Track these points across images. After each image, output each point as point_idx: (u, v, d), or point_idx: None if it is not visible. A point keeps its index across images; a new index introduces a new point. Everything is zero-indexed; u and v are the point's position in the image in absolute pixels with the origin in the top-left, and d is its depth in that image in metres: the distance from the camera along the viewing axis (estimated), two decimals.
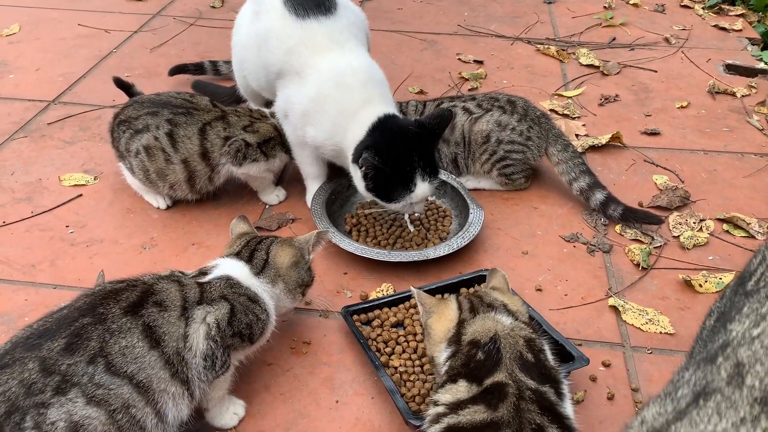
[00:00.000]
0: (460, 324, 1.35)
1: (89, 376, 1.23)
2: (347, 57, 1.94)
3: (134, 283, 1.38)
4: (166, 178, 2.04)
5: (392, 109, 1.92)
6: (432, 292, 1.80)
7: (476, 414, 1.12)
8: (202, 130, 2.02)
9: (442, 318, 1.38)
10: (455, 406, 1.15)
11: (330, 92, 1.89)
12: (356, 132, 1.85)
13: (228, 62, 2.66)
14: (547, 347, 1.31)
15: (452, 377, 1.24)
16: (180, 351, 1.33)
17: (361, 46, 2.05)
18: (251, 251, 1.57)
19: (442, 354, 1.34)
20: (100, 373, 1.24)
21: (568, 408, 1.20)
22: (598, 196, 2.10)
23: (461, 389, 1.18)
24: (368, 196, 1.90)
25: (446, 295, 1.79)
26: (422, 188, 1.83)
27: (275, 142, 2.09)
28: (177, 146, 2.01)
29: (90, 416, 1.22)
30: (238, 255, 1.56)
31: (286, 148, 2.12)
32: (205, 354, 1.35)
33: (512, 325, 1.30)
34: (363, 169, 1.81)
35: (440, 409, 1.17)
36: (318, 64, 1.92)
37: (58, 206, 2.14)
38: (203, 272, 1.48)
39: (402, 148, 1.81)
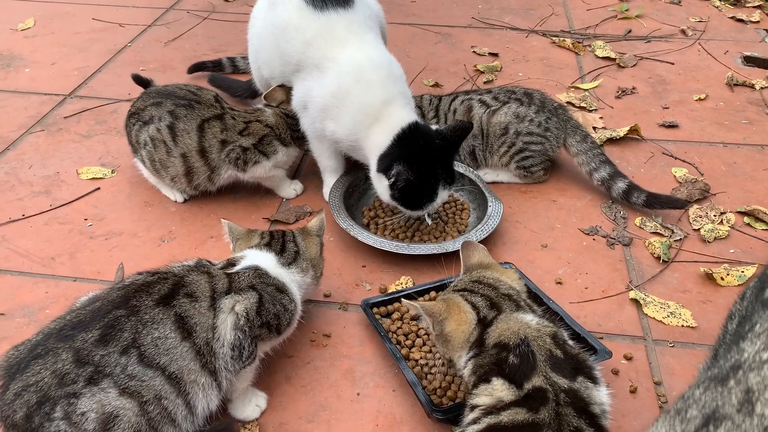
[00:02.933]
0: (482, 323, 1.30)
1: (122, 366, 1.24)
2: (367, 51, 1.93)
3: (165, 276, 1.39)
4: (168, 170, 2.05)
5: (413, 114, 1.92)
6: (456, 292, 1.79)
7: (517, 414, 1.11)
8: (201, 126, 2.00)
9: (460, 323, 1.31)
10: (495, 408, 1.13)
11: (351, 88, 1.88)
12: (380, 137, 1.86)
13: (245, 57, 2.66)
14: (566, 336, 1.30)
15: (483, 377, 1.21)
16: (209, 341, 1.33)
17: (379, 39, 2.04)
18: (281, 243, 1.59)
19: (462, 357, 1.31)
20: (133, 364, 1.25)
21: (602, 393, 1.18)
22: (620, 185, 2.09)
23: (498, 387, 1.16)
24: (390, 203, 1.91)
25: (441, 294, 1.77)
26: (442, 196, 1.89)
27: (270, 137, 2.06)
28: (176, 140, 2.00)
29: (122, 407, 1.22)
30: (268, 246, 1.57)
31: (284, 141, 2.09)
32: (233, 344, 1.36)
33: (538, 325, 1.27)
34: (393, 180, 1.82)
35: (478, 413, 1.16)
36: (338, 58, 1.90)
37: (76, 199, 2.15)
38: (231, 263, 1.49)
39: (428, 161, 1.84)
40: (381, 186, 1.89)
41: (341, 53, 1.91)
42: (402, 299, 1.52)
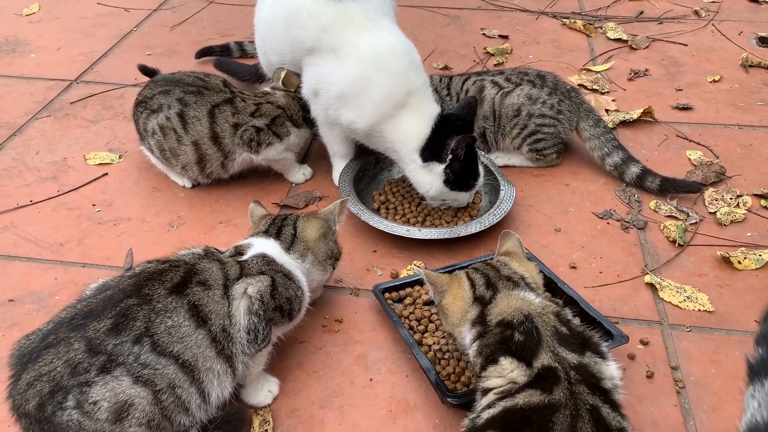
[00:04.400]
0: (479, 301, 1.30)
1: (135, 355, 1.22)
2: (387, 38, 1.88)
3: (177, 264, 1.37)
4: (179, 158, 2.02)
5: (436, 104, 1.93)
6: (463, 269, 1.77)
7: (532, 397, 1.09)
8: (211, 112, 1.98)
9: (456, 298, 1.33)
10: (509, 393, 1.12)
11: (374, 77, 1.83)
12: (412, 128, 1.84)
13: (253, 41, 2.62)
14: (570, 315, 1.28)
15: (489, 357, 1.20)
16: (226, 328, 1.32)
17: (394, 23, 2.00)
18: (278, 228, 1.57)
19: (465, 335, 1.30)
20: (146, 352, 1.23)
21: (612, 368, 1.17)
22: (634, 170, 2.06)
23: (507, 367, 1.15)
24: (438, 192, 1.89)
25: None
26: (482, 176, 1.93)
27: (282, 118, 2.04)
28: (187, 127, 1.98)
29: (136, 395, 1.21)
30: (266, 233, 1.56)
31: (296, 122, 2.06)
32: (248, 328, 1.34)
33: (541, 303, 1.27)
34: (451, 157, 1.81)
35: (492, 397, 1.14)
36: (358, 44, 1.85)
37: (84, 185, 2.13)
38: (239, 251, 1.47)
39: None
40: (430, 176, 1.87)
41: (361, 40, 1.85)
42: (414, 266, 1.51)
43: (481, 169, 1.91)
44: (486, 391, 1.16)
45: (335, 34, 1.87)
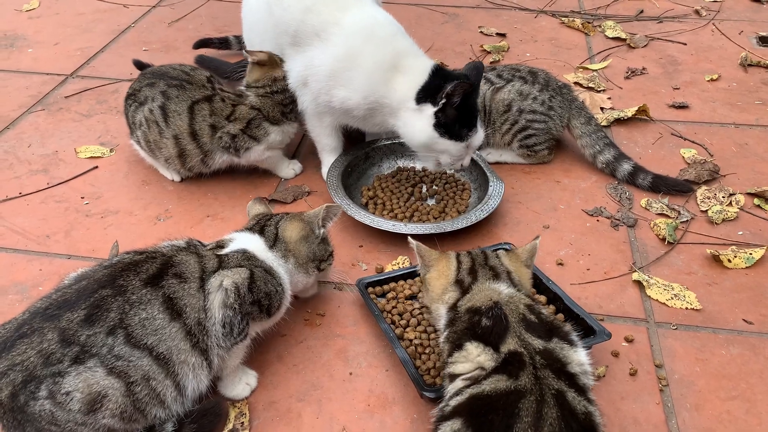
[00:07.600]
0: (459, 284, 1.33)
1: (108, 347, 1.22)
2: (369, 12, 1.89)
3: (153, 255, 1.36)
4: (161, 151, 2.02)
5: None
6: None
7: (499, 382, 1.09)
8: (191, 108, 1.96)
9: (440, 275, 1.36)
10: (476, 380, 1.12)
11: (362, 48, 1.83)
12: (409, 82, 1.80)
13: None
14: (544, 310, 1.28)
15: (455, 343, 1.21)
16: (201, 321, 1.31)
17: (377, 4, 2.00)
18: (262, 225, 1.55)
19: (441, 317, 1.33)
20: (120, 344, 1.23)
21: (581, 354, 1.17)
22: (626, 167, 2.04)
23: (473, 352, 1.16)
24: (429, 137, 1.80)
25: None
26: (480, 133, 1.85)
27: (258, 119, 1.99)
28: (168, 121, 1.96)
29: (109, 387, 1.20)
30: (250, 229, 1.54)
31: (273, 121, 2.01)
32: (222, 321, 1.33)
33: (511, 294, 1.29)
34: (445, 101, 1.73)
35: (459, 383, 1.14)
36: (341, 22, 1.85)
37: (73, 178, 2.13)
38: (220, 245, 1.46)
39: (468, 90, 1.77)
40: (420, 120, 1.79)
41: (344, 17, 1.86)
42: (408, 237, 1.52)
43: (479, 126, 1.83)
44: (453, 377, 1.17)
45: (319, 14, 1.87)
